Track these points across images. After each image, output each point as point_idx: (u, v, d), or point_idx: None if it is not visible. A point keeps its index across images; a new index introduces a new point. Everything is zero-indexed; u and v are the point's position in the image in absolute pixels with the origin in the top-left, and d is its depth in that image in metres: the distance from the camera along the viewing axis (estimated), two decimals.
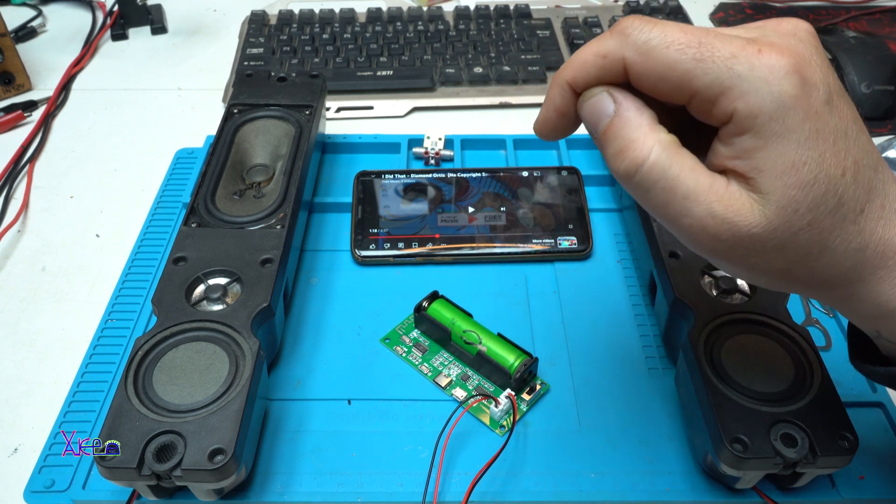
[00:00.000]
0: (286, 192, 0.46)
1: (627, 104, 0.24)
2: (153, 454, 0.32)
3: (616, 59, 0.24)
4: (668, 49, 0.23)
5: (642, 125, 0.24)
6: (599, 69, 0.25)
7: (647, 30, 0.24)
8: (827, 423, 0.34)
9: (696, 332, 0.38)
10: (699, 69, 0.23)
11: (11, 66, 0.66)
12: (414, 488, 0.37)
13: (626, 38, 0.24)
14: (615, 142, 0.24)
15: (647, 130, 0.24)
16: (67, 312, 0.48)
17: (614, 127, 0.24)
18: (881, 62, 0.65)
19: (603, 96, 0.25)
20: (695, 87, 0.23)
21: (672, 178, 0.24)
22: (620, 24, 0.24)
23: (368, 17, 0.75)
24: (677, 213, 0.24)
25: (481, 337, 0.41)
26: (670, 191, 0.24)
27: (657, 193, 0.24)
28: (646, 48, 0.23)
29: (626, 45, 0.24)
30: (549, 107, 0.27)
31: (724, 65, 0.23)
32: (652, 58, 0.23)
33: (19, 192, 0.57)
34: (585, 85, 0.25)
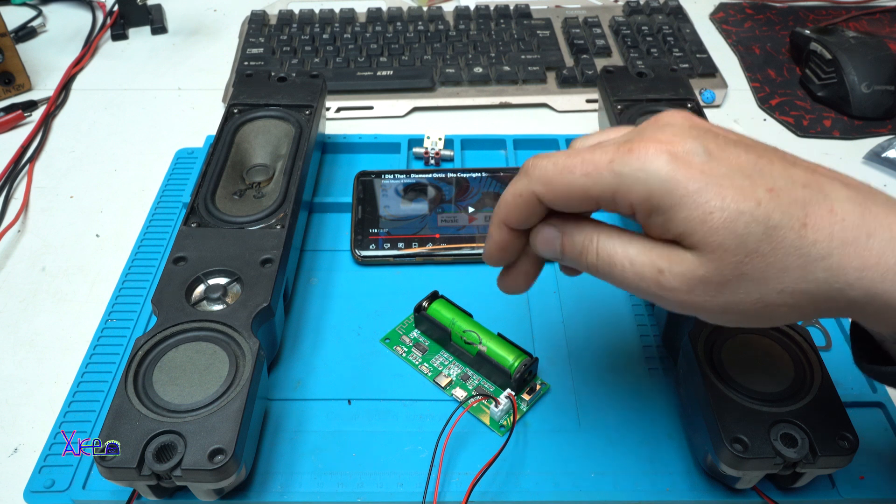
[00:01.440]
0: (286, 192, 0.46)
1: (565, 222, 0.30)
2: (153, 454, 0.32)
3: (528, 195, 0.29)
4: (561, 174, 0.28)
5: (584, 228, 0.29)
6: (521, 206, 0.29)
7: (542, 164, 0.28)
8: (827, 423, 0.34)
9: (696, 332, 0.38)
10: (589, 182, 0.27)
11: (11, 66, 0.66)
12: (414, 488, 0.37)
13: (530, 175, 0.29)
14: (573, 249, 0.29)
15: (589, 229, 0.29)
16: (67, 312, 0.48)
17: (566, 241, 0.29)
18: (881, 62, 0.65)
19: (546, 229, 0.30)
20: (593, 196, 0.27)
21: (619, 252, 0.28)
22: (524, 166, 0.29)
23: (368, 17, 0.75)
24: (634, 278, 0.27)
25: (481, 337, 0.41)
26: (620, 263, 0.28)
27: (614, 270, 0.28)
28: (545, 179, 0.28)
29: (532, 182, 0.29)
30: (491, 243, 0.32)
31: (607, 170, 0.27)
32: (553, 186, 0.28)
33: (19, 192, 0.57)
34: (517, 221, 0.30)
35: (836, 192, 0.26)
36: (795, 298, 0.26)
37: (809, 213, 0.25)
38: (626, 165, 0.26)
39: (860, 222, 0.25)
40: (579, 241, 0.29)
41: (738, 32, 0.77)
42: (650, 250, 0.27)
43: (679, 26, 0.74)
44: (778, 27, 0.78)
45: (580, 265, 0.29)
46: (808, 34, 0.69)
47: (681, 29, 0.74)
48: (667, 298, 0.27)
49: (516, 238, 0.31)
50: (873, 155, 0.60)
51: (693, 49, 0.71)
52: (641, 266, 0.27)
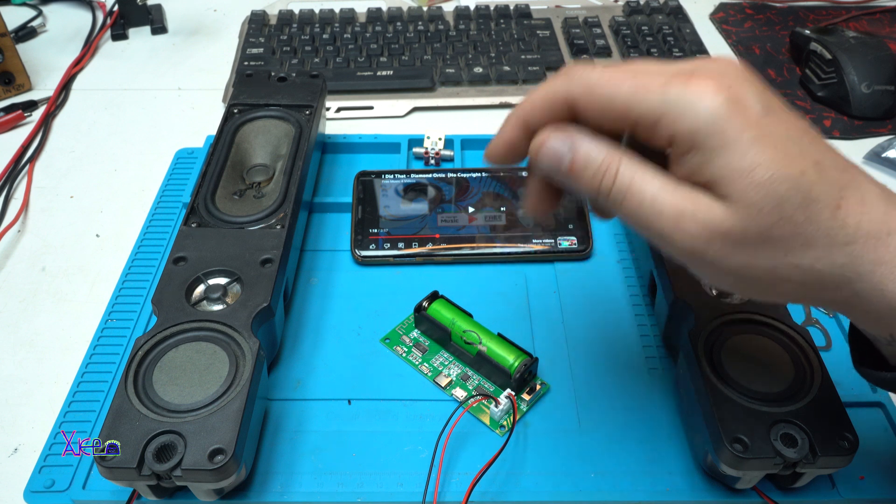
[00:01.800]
0: (286, 192, 0.46)
1: (581, 135, 0.27)
2: (153, 454, 0.32)
3: (564, 96, 0.27)
4: (607, 84, 0.26)
5: (603, 147, 0.27)
6: (550, 105, 0.27)
7: (588, 70, 0.26)
8: (827, 423, 0.34)
9: (696, 332, 0.38)
10: (635, 99, 0.25)
11: (11, 66, 0.66)
12: (414, 488, 0.37)
13: (571, 78, 0.27)
14: (587, 169, 0.27)
15: (610, 149, 0.27)
16: (67, 312, 0.48)
17: (580, 157, 0.27)
18: (881, 62, 0.64)
19: (554, 141, 0.27)
20: (634, 116, 0.25)
21: (639, 182, 0.26)
22: (566, 68, 0.27)
23: (368, 17, 0.75)
24: (650, 215, 0.26)
25: (481, 337, 0.41)
26: (640, 194, 0.26)
27: (630, 201, 0.26)
28: (588, 85, 0.26)
29: (572, 84, 0.27)
30: (501, 139, 0.29)
31: (658, 92, 0.25)
32: (594, 93, 0.26)
33: (19, 192, 0.57)
34: (538, 122, 0.28)
35: (865, 185, 0.26)
36: (806, 277, 0.25)
37: (844, 197, 0.25)
38: (682, 93, 0.25)
39: (884, 219, 0.25)
40: (597, 159, 0.26)
41: (738, 32, 0.77)
42: (676, 189, 0.25)
43: (679, 26, 0.74)
44: (778, 27, 0.78)
45: (590, 187, 0.27)
46: (808, 34, 0.69)
47: (681, 29, 0.74)
48: (679, 245, 0.25)
49: (527, 140, 0.29)
50: (873, 155, 0.60)
51: (693, 49, 0.71)
52: (663, 203, 0.25)
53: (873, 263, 0.25)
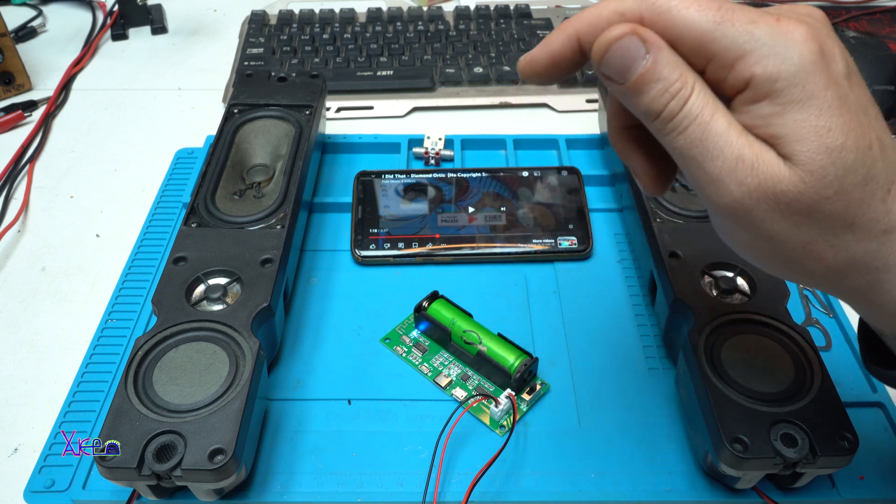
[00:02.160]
0: (286, 192, 0.46)
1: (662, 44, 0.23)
2: (153, 454, 0.32)
3: (634, 17, 0.24)
4: (688, 9, 0.23)
5: (681, 66, 0.23)
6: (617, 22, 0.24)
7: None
8: (827, 423, 0.34)
9: (696, 332, 0.38)
10: (718, 31, 0.22)
11: (11, 66, 0.66)
12: (414, 488, 0.37)
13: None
14: (658, 83, 0.23)
15: (687, 70, 0.23)
16: (67, 312, 0.48)
17: (656, 69, 0.23)
18: (881, 62, 0.64)
19: (632, 39, 0.23)
20: (713, 49, 0.23)
21: (709, 115, 0.23)
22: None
23: (368, 17, 0.75)
24: (709, 153, 0.23)
25: (481, 337, 0.41)
26: (706, 127, 0.23)
27: (693, 131, 0.23)
28: (665, 7, 0.23)
29: (646, 5, 0.23)
30: (545, 49, 0.26)
31: (744, 28, 0.22)
32: (671, 17, 0.23)
33: (19, 192, 0.57)
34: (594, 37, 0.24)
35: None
36: (838, 258, 0.24)
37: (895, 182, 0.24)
38: (771, 34, 0.22)
39: None
40: (671, 77, 0.23)
41: None
42: (743, 134, 0.23)
43: None
44: None
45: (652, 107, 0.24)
46: None
47: None
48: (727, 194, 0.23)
49: (574, 59, 0.26)
50: None
51: None
52: (726, 143, 0.23)
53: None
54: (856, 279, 0.25)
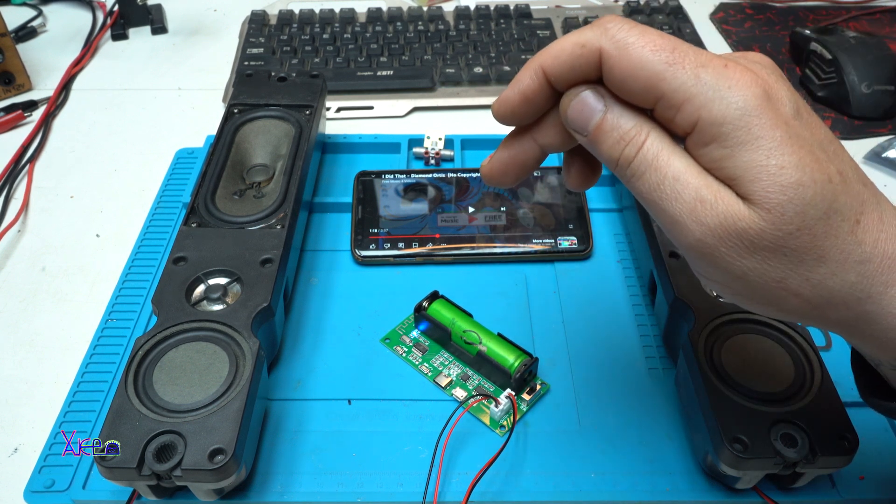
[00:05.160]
0: (286, 192, 0.46)
1: (615, 99, 0.25)
2: (153, 454, 0.32)
3: (593, 49, 0.24)
4: (643, 48, 0.24)
5: (635, 115, 0.25)
6: (576, 58, 0.25)
7: (627, 27, 0.24)
8: (827, 423, 0.34)
9: (696, 332, 0.38)
10: (669, 72, 0.23)
11: (11, 66, 0.66)
12: (414, 488, 0.37)
13: (607, 31, 0.24)
14: (612, 132, 0.25)
15: (641, 119, 0.25)
16: (67, 312, 0.48)
17: (609, 119, 0.25)
18: (881, 62, 0.64)
19: (589, 93, 0.25)
20: (662, 89, 0.24)
21: (664, 159, 0.24)
22: (604, 18, 0.25)
23: (368, 17, 0.75)
24: (668, 196, 0.24)
25: (481, 337, 0.41)
26: (662, 172, 0.24)
27: (650, 176, 0.24)
28: (623, 43, 0.24)
29: (605, 38, 0.24)
30: (516, 88, 0.27)
31: (692, 72, 0.23)
32: (627, 53, 0.24)
33: (19, 192, 0.57)
34: (558, 73, 0.26)
35: (884, 202, 0.25)
36: (815, 292, 0.24)
37: (864, 213, 0.24)
38: (716, 78, 0.23)
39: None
40: (625, 126, 0.25)
41: (739, 32, 0.77)
42: (701, 175, 0.24)
43: (679, 26, 0.74)
44: (778, 27, 0.78)
45: (611, 154, 0.25)
46: (808, 34, 0.69)
47: (681, 29, 0.74)
48: (691, 234, 0.24)
49: (545, 95, 0.26)
50: (873, 155, 0.60)
51: None
52: (684, 186, 0.24)
53: (885, 285, 0.24)
54: (841, 312, 0.25)
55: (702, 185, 0.24)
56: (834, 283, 0.24)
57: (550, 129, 0.27)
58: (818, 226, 0.23)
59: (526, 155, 0.28)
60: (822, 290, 0.24)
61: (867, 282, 0.24)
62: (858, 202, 0.24)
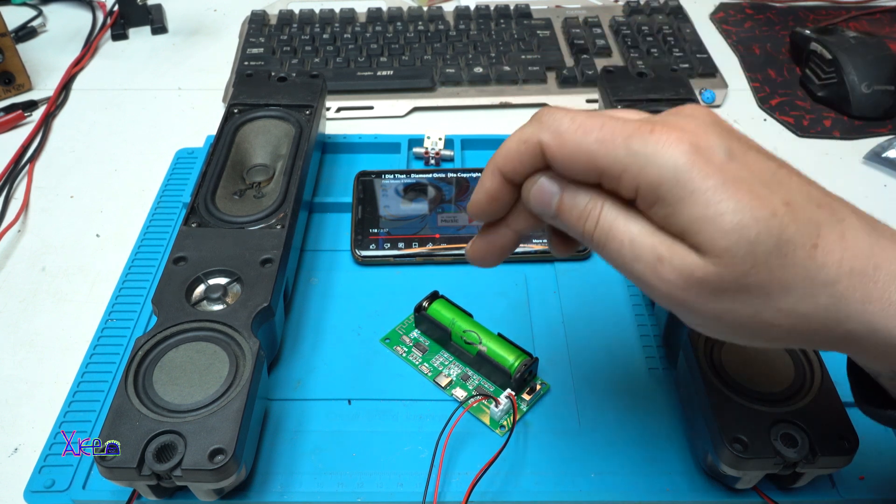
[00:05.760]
0: (286, 192, 0.46)
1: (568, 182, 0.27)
2: (153, 454, 0.32)
3: (534, 143, 0.27)
4: (575, 133, 0.26)
5: (588, 192, 0.27)
6: (522, 154, 0.27)
7: (558, 116, 0.26)
8: (827, 423, 0.34)
9: (697, 332, 0.38)
10: (602, 150, 0.25)
11: (11, 66, 0.66)
12: (414, 488, 0.37)
13: (542, 123, 0.27)
14: (572, 211, 0.27)
15: (593, 194, 0.27)
16: (67, 312, 0.48)
17: (566, 200, 0.27)
18: (881, 62, 0.64)
19: (544, 179, 0.28)
20: (600, 166, 0.25)
21: (621, 226, 0.26)
22: (539, 112, 0.27)
23: (368, 17, 0.75)
24: (630, 258, 0.26)
25: (481, 337, 0.41)
26: (620, 239, 0.26)
27: (612, 244, 0.26)
28: (557, 132, 0.26)
29: (542, 130, 0.26)
30: (481, 190, 0.29)
31: (622, 144, 0.25)
32: (563, 141, 0.26)
33: (19, 192, 0.57)
34: (512, 170, 0.28)
35: (848, 219, 0.25)
36: (792, 320, 0.24)
37: (822, 235, 0.24)
38: (644, 145, 0.24)
39: (869, 253, 0.24)
40: (581, 204, 0.27)
41: (739, 32, 0.77)
42: (653, 234, 0.25)
43: (679, 26, 0.74)
44: (778, 27, 0.78)
45: (575, 230, 0.27)
46: (808, 34, 0.69)
47: (681, 29, 0.74)
48: (659, 290, 0.25)
49: (508, 191, 0.29)
50: (873, 155, 0.60)
51: (693, 49, 0.71)
52: (641, 248, 0.25)
53: (862, 302, 0.24)
54: (825, 333, 0.25)
55: (656, 243, 0.25)
56: (806, 309, 0.24)
57: (521, 216, 0.30)
58: (772, 259, 0.24)
59: (503, 241, 0.31)
60: (796, 317, 0.24)
61: (842, 302, 0.24)
62: (812, 226, 0.24)
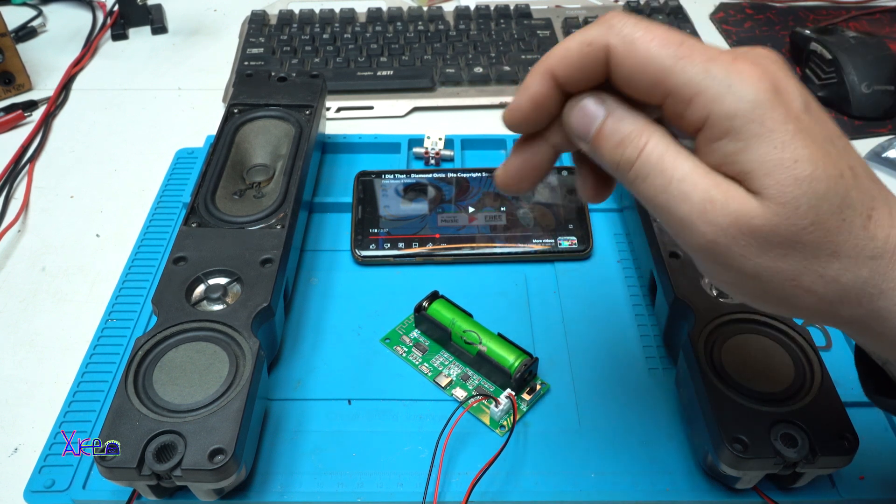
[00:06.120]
0: (286, 192, 0.46)
1: (617, 104, 0.25)
2: (153, 454, 0.32)
3: (600, 46, 0.24)
4: (651, 42, 0.23)
5: (636, 119, 0.25)
6: (583, 57, 0.25)
7: (632, 23, 0.24)
8: (827, 423, 0.34)
9: (696, 332, 0.38)
10: (678, 66, 0.23)
11: (11, 66, 0.66)
12: (414, 488, 0.37)
13: (612, 27, 0.24)
14: (613, 136, 0.25)
15: (643, 122, 0.25)
16: (67, 312, 0.48)
17: (609, 124, 0.25)
18: (881, 62, 0.64)
19: (590, 100, 0.25)
20: (671, 84, 0.23)
21: (670, 161, 0.24)
22: (608, 15, 0.25)
23: (368, 17, 0.75)
24: (676, 197, 0.24)
25: (481, 337, 0.41)
26: (668, 174, 0.24)
27: (655, 178, 0.24)
28: (630, 38, 0.24)
29: (612, 34, 0.24)
30: (524, 95, 0.26)
31: (702, 66, 0.23)
32: (634, 49, 0.24)
33: (19, 192, 0.57)
34: (567, 74, 0.25)
35: (892, 199, 0.25)
36: (828, 289, 0.24)
37: (876, 208, 0.24)
38: (726, 73, 0.23)
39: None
40: (625, 129, 0.24)
41: (739, 32, 0.77)
42: (708, 175, 0.23)
43: (679, 26, 0.74)
44: (778, 27, 0.78)
45: (612, 158, 0.25)
46: (808, 34, 0.69)
47: (681, 29, 0.74)
48: (701, 236, 0.23)
49: (556, 98, 0.26)
50: (873, 155, 0.60)
51: None
52: (692, 186, 0.23)
53: None
54: (853, 309, 0.24)
55: (710, 184, 0.23)
56: (847, 280, 0.24)
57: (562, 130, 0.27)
58: (832, 220, 0.23)
59: (540, 157, 0.28)
60: (835, 286, 0.24)
61: (879, 277, 0.24)
62: (869, 197, 0.24)
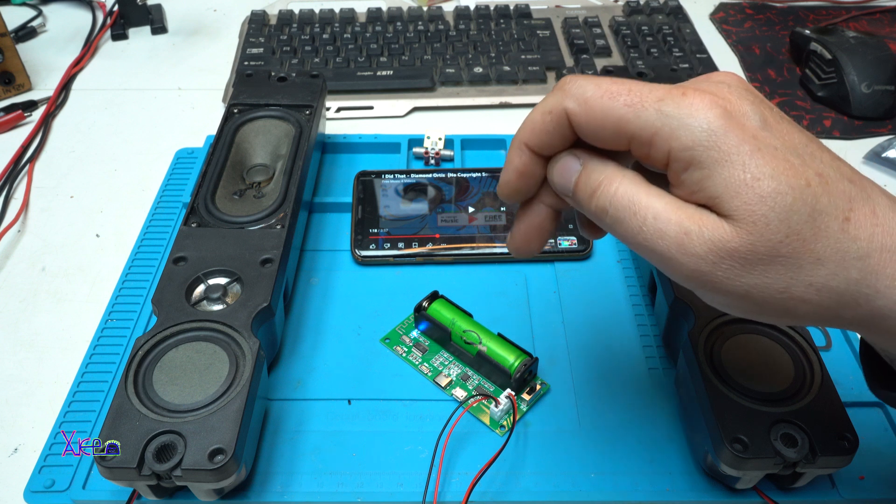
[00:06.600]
0: (286, 192, 0.46)
1: (590, 156, 0.27)
2: (153, 454, 0.32)
3: (559, 112, 0.26)
4: (602, 98, 0.25)
5: (607, 167, 0.26)
6: (547, 125, 0.27)
7: (582, 83, 0.26)
8: (827, 423, 0.34)
9: (696, 332, 0.38)
10: (631, 114, 0.24)
11: (11, 66, 0.66)
12: (414, 488, 0.37)
13: (566, 92, 0.26)
14: (587, 187, 0.26)
15: (613, 170, 0.26)
16: (67, 312, 0.48)
17: (583, 176, 0.26)
18: (881, 62, 0.64)
19: (566, 157, 0.27)
20: (630, 131, 0.25)
21: (642, 202, 0.25)
22: (562, 80, 0.27)
23: (368, 17, 0.75)
24: (652, 236, 0.25)
25: (481, 337, 0.41)
26: (641, 214, 0.25)
27: (630, 220, 0.25)
28: (582, 99, 0.25)
29: (567, 99, 0.26)
30: (509, 168, 0.28)
31: (653, 107, 0.24)
32: (589, 107, 0.25)
33: (19, 192, 0.57)
34: (539, 143, 0.27)
35: (876, 196, 0.25)
36: (822, 296, 0.24)
37: (853, 209, 0.24)
38: (677, 108, 0.24)
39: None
40: (595, 179, 0.26)
41: (738, 32, 0.77)
42: (679, 208, 0.24)
43: (679, 26, 0.74)
44: (778, 27, 0.78)
45: (589, 207, 0.26)
46: (808, 34, 0.69)
47: (681, 29, 0.74)
48: (684, 267, 0.24)
49: (536, 166, 0.28)
50: (873, 155, 0.60)
51: (693, 49, 0.71)
52: (666, 223, 0.24)
53: (891, 278, 0.24)
54: (853, 311, 0.25)
55: (683, 217, 0.24)
56: (837, 284, 0.24)
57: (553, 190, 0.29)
58: (805, 229, 0.23)
59: (540, 219, 0.30)
60: (827, 292, 0.24)
61: (871, 277, 0.24)
62: (845, 199, 0.24)
